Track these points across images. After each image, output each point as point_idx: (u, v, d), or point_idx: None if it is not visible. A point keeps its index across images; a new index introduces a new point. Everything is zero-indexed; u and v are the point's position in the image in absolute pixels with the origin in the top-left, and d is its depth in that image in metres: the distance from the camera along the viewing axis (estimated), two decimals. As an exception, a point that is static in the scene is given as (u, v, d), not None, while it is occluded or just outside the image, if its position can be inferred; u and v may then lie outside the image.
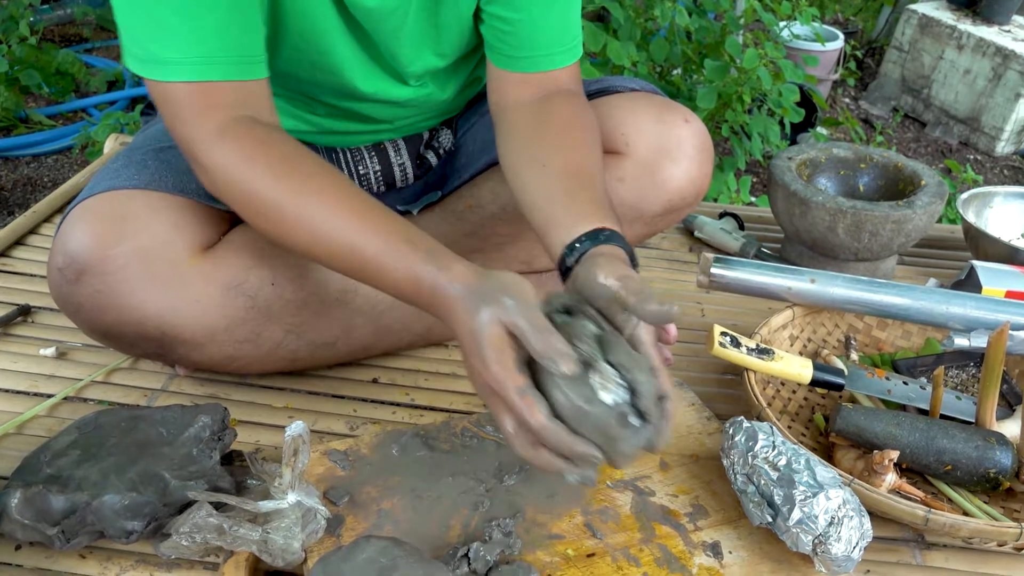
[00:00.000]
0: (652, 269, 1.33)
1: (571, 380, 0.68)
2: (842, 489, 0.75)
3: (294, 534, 0.71)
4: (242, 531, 0.71)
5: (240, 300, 0.89)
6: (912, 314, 1.00)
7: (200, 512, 0.71)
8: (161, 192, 0.89)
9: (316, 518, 0.73)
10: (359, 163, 1.09)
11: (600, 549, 0.77)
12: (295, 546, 0.71)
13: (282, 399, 0.99)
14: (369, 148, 1.09)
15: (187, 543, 0.71)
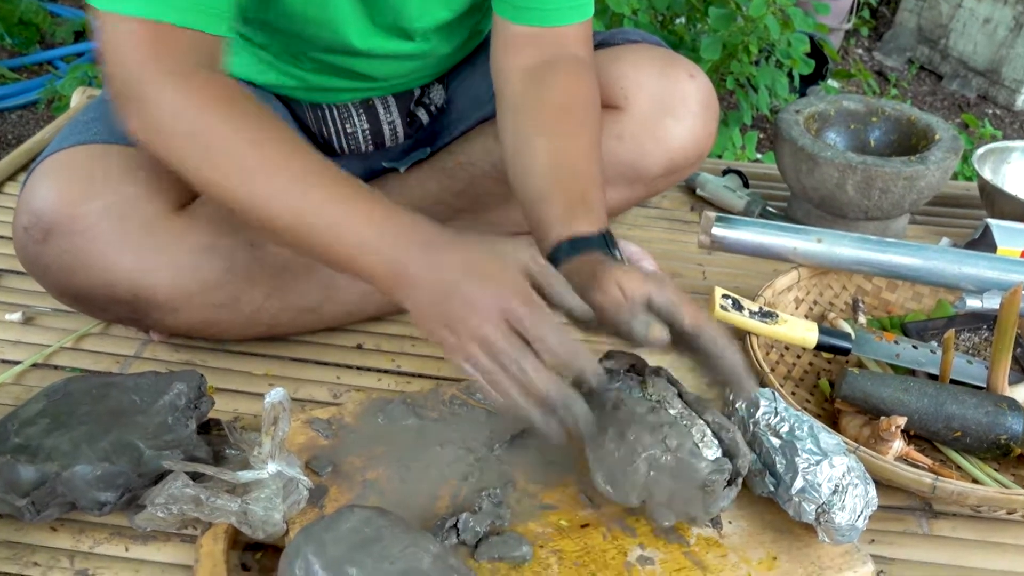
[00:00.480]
0: (651, 229, 1.33)
1: (673, 431, 0.73)
2: (847, 456, 0.76)
3: (275, 505, 0.72)
4: (220, 502, 0.71)
5: (217, 261, 0.89)
6: (923, 275, 1.01)
7: (176, 483, 0.72)
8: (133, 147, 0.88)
9: (298, 488, 0.73)
10: (346, 121, 1.09)
11: (594, 519, 0.78)
12: (276, 517, 0.72)
13: (262, 366, 0.99)
14: (357, 105, 1.08)
15: (163, 515, 0.72)
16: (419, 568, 0.61)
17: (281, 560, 0.64)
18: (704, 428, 0.76)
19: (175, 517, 0.73)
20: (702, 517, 0.74)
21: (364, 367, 1.01)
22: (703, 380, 0.95)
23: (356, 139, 1.10)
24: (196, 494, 0.71)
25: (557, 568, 0.73)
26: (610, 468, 0.75)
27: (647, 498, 0.74)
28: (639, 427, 0.74)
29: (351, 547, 0.62)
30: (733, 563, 0.75)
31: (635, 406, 0.75)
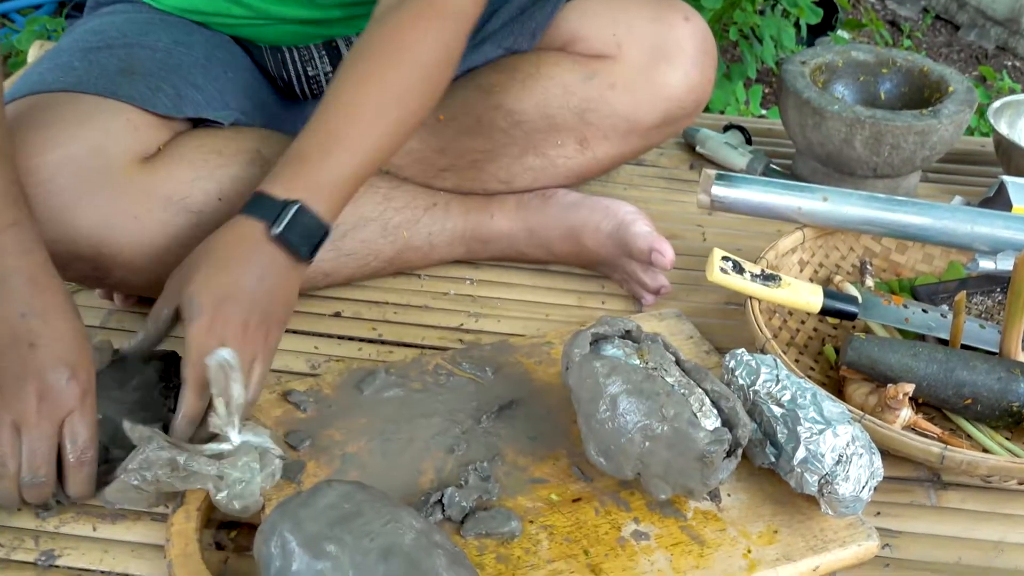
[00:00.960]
0: (648, 189, 1.32)
1: (670, 400, 0.73)
2: (851, 425, 0.76)
3: (253, 472, 0.72)
4: (197, 466, 0.71)
5: (183, 217, 0.88)
6: (933, 235, 1.01)
7: (151, 445, 0.71)
8: (92, 95, 0.88)
9: (271, 460, 0.73)
10: (307, 64, 1.08)
11: (587, 493, 0.79)
12: (254, 487, 0.72)
13: (235, 336, 0.99)
14: (319, 47, 1.07)
15: (136, 482, 0.72)
16: (401, 544, 0.61)
17: (256, 538, 0.65)
18: (703, 397, 0.76)
19: (149, 485, 0.72)
20: (700, 490, 0.75)
21: (343, 336, 1.01)
22: (703, 347, 0.96)
23: (319, 83, 1.09)
24: (172, 456, 0.71)
25: (547, 544, 0.74)
26: (603, 439, 0.75)
27: (642, 470, 0.75)
28: (634, 396, 0.74)
29: (329, 523, 0.62)
30: (732, 537, 0.75)
31: (630, 374, 0.76)
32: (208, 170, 0.91)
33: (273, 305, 0.79)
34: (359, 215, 1.01)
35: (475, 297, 1.09)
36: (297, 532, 0.62)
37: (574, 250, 1.08)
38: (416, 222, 1.06)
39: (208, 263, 0.78)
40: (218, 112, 0.97)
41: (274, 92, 1.10)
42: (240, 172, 0.92)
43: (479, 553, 0.73)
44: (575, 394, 0.78)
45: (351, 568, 0.59)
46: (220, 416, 0.73)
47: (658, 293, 1.06)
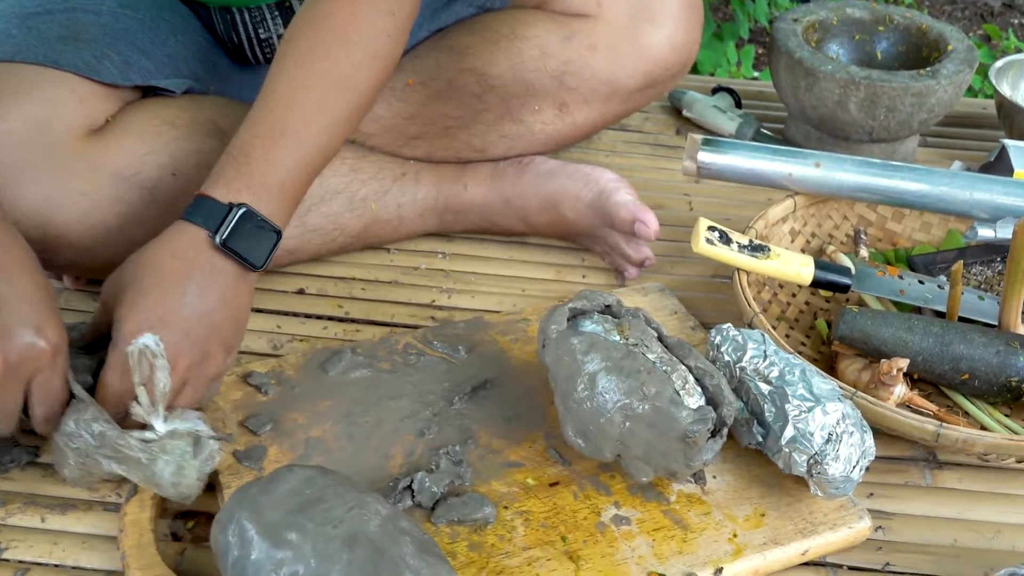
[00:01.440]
0: (632, 156, 1.33)
1: (651, 378, 0.74)
2: (842, 402, 0.77)
3: (186, 456, 0.72)
4: (126, 445, 0.71)
5: (136, 193, 0.88)
6: (931, 202, 1.01)
7: (85, 413, 0.71)
8: (32, 65, 0.87)
9: (205, 444, 0.73)
10: (259, 25, 1.07)
11: (565, 477, 0.79)
12: (188, 472, 0.72)
13: (192, 315, 0.99)
14: (271, 8, 1.06)
15: (62, 444, 0.72)
16: (366, 531, 0.61)
17: (213, 527, 0.65)
18: (686, 374, 0.77)
19: (78, 457, 0.72)
20: (683, 472, 0.75)
21: (307, 314, 1.01)
22: (688, 323, 0.96)
23: (272, 46, 1.09)
24: (103, 431, 0.71)
25: (523, 530, 0.74)
26: (581, 420, 0.76)
27: (622, 452, 0.75)
28: (613, 374, 0.74)
29: (290, 510, 0.62)
30: (717, 521, 0.76)
31: (609, 351, 0.76)
32: (161, 143, 0.90)
33: (214, 328, 0.76)
34: (324, 188, 1.01)
35: (448, 272, 1.09)
36: (256, 520, 0.62)
37: (552, 221, 1.08)
38: (385, 193, 1.05)
39: (141, 280, 0.75)
40: (169, 79, 0.97)
41: (226, 56, 1.09)
42: (196, 145, 0.91)
43: (451, 540, 0.73)
44: (552, 373, 0.79)
45: (313, 557, 0.60)
46: (143, 405, 0.72)
47: (642, 266, 1.06)
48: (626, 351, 0.76)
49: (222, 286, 0.77)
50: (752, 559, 0.74)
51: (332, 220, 1.02)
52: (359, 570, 0.59)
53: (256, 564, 0.61)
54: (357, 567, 0.59)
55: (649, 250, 1.06)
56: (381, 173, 1.05)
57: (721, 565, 0.73)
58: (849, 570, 0.78)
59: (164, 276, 0.75)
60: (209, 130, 0.93)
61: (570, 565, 0.72)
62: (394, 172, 1.06)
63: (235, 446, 0.80)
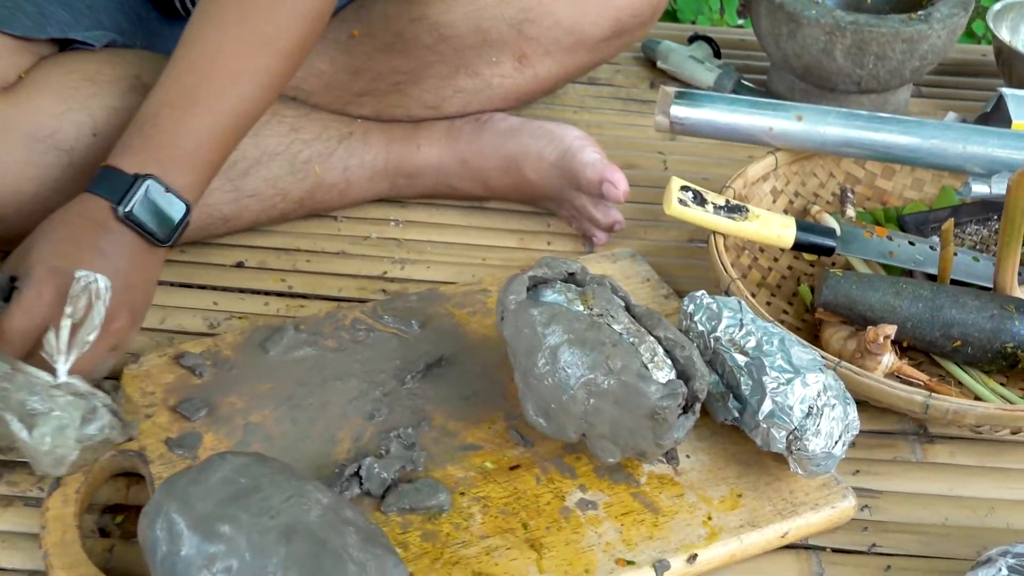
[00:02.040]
0: (602, 112, 1.32)
1: (617, 351, 0.74)
2: (823, 373, 0.78)
3: (72, 419, 0.71)
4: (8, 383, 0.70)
5: (52, 155, 0.87)
6: (922, 156, 1.02)
7: None
8: None
9: (101, 415, 0.73)
10: None
11: (527, 460, 0.80)
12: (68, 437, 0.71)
13: (120, 292, 0.99)
14: None
15: None
16: (306, 522, 0.61)
17: (140, 521, 0.65)
18: (654, 346, 0.77)
19: None
20: (653, 451, 0.76)
21: (246, 289, 1.00)
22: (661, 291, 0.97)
23: None
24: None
25: (481, 518, 0.75)
26: (543, 397, 0.76)
27: (587, 431, 0.76)
28: (576, 347, 0.75)
29: (223, 501, 0.62)
30: (691, 503, 0.77)
31: (572, 322, 0.76)
32: (79, 100, 0.89)
33: (127, 288, 0.78)
34: (262, 150, 1.00)
35: (400, 241, 1.08)
36: (186, 512, 0.62)
37: (514, 183, 1.08)
38: (330, 155, 1.05)
39: (48, 240, 0.77)
40: (89, 32, 0.95)
41: (153, 8, 1.08)
42: (117, 103, 0.90)
43: (403, 531, 0.73)
44: (511, 347, 0.79)
45: (248, 550, 0.60)
46: (59, 340, 0.71)
47: (611, 230, 1.07)
48: (590, 322, 0.77)
49: (128, 258, 0.79)
50: (728, 543, 0.74)
51: (272, 184, 1.01)
52: (298, 564, 0.59)
53: (186, 560, 0.61)
54: (296, 560, 0.59)
55: (618, 213, 1.06)
56: (325, 133, 1.05)
57: (695, 551, 0.73)
58: (833, 552, 0.79)
59: (76, 230, 0.77)
60: (133, 86, 0.92)
61: (531, 554, 0.72)
62: (340, 132, 1.05)
63: (167, 433, 0.80)
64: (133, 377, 0.85)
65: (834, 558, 0.78)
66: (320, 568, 0.59)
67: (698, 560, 0.73)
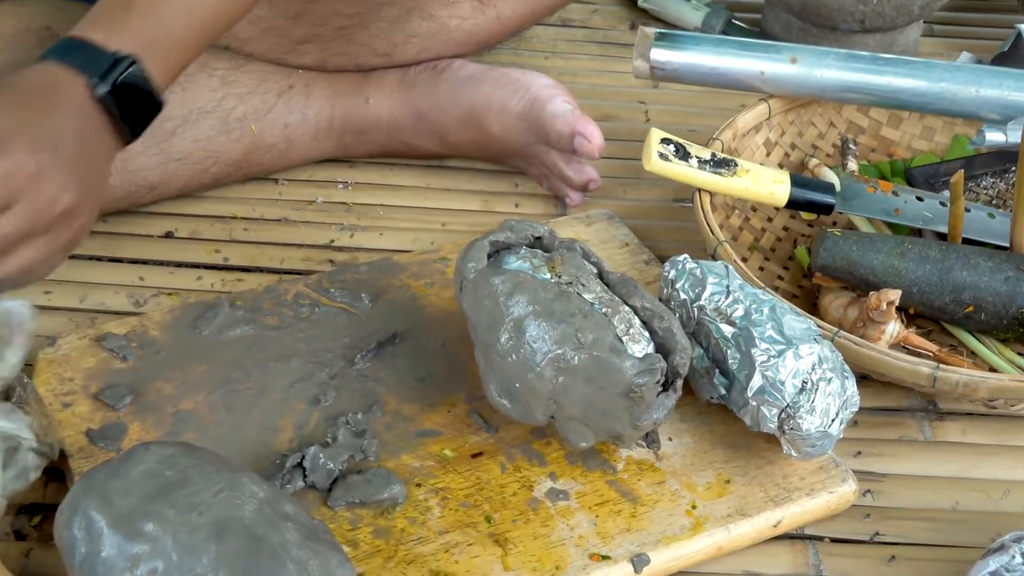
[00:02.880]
0: (576, 57, 1.33)
1: (587, 322, 0.74)
2: (818, 344, 0.78)
3: None
4: None
5: None
6: (931, 101, 1.03)
7: None
8: None
9: (23, 457, 0.72)
10: None
11: (490, 446, 0.81)
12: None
13: (33, 268, 0.99)
14: None
15: None
16: (239, 517, 0.62)
17: (56, 519, 0.65)
18: (630, 316, 0.78)
19: None
20: (630, 434, 0.77)
21: (176, 262, 1.01)
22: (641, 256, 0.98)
23: None
24: None
25: (439, 511, 0.76)
26: (506, 376, 0.77)
27: (556, 413, 0.77)
28: (543, 319, 0.75)
29: (146, 496, 0.63)
30: (673, 491, 0.78)
31: (537, 291, 0.77)
32: None
33: (90, 168, 0.77)
34: (189, 107, 1.00)
35: (350, 205, 1.09)
36: (106, 509, 0.63)
37: (476, 138, 1.09)
38: (267, 111, 1.05)
39: (16, 102, 0.75)
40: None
41: None
42: (24, 58, 0.90)
43: (352, 527, 0.74)
44: (471, 321, 0.80)
45: (175, 550, 0.60)
46: None
47: (585, 190, 1.07)
48: (558, 291, 0.77)
49: (97, 144, 0.77)
50: (714, 534, 0.76)
51: (202, 146, 1.01)
52: (230, 564, 0.60)
53: (107, 562, 0.61)
54: (228, 560, 0.60)
55: (593, 170, 1.07)
56: (262, 86, 1.04)
57: (677, 542, 0.74)
58: (832, 542, 0.80)
59: (44, 102, 0.75)
60: (42, 39, 0.91)
61: (496, 550, 0.73)
62: (278, 85, 1.05)
63: (88, 424, 0.80)
64: (49, 362, 0.85)
65: (833, 548, 0.80)
66: (255, 568, 0.60)
67: (682, 553, 0.74)
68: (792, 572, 0.77)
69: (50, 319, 0.93)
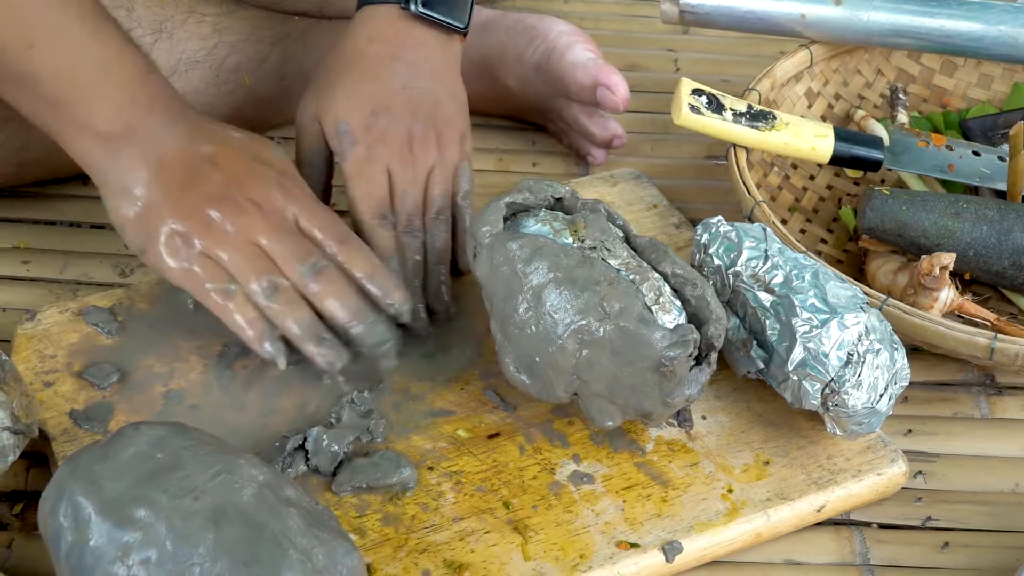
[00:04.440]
0: (599, 1, 1.33)
1: (614, 290, 0.75)
2: (864, 313, 0.79)
3: None
4: None
5: None
6: (988, 45, 1.03)
7: None
8: None
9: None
10: None
11: (508, 426, 0.81)
12: None
13: (9, 235, 1.00)
14: None
15: None
16: (237, 503, 0.63)
17: (40, 506, 0.66)
18: (660, 284, 0.78)
19: None
20: (660, 412, 0.77)
21: (164, 228, 1.01)
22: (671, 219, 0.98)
23: None
24: None
25: (453, 497, 0.77)
26: (525, 349, 0.77)
27: (579, 390, 0.77)
28: (565, 287, 0.76)
29: (137, 480, 0.64)
30: (708, 474, 0.79)
31: (559, 257, 0.77)
32: None
33: (439, 105, 0.90)
34: (178, 56, 1.01)
35: (353, 165, 1.09)
36: (93, 495, 0.63)
37: (489, 91, 1.09)
38: (262, 61, 1.05)
39: (349, 74, 0.89)
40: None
41: None
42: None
43: (359, 514, 0.75)
44: (486, 290, 0.80)
45: (169, 538, 0.61)
46: None
47: (609, 146, 1.08)
48: (581, 257, 0.78)
49: (432, 60, 0.91)
50: (752, 520, 0.76)
51: (192, 99, 1.02)
52: (229, 552, 0.61)
53: (96, 551, 0.62)
54: (226, 548, 0.61)
55: (618, 125, 1.07)
56: (256, 34, 1.05)
57: (712, 529, 0.75)
58: (880, 528, 0.81)
59: (371, 61, 0.89)
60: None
61: (515, 538, 0.74)
62: (273, 32, 1.06)
63: (72, 404, 0.81)
64: (29, 338, 0.86)
65: (881, 535, 0.80)
66: (255, 557, 0.61)
67: (717, 540, 0.75)
68: (837, 560, 0.78)
69: (28, 291, 0.95)
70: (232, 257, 0.80)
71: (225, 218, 0.80)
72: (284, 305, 0.80)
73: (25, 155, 0.97)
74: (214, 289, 0.80)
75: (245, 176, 0.83)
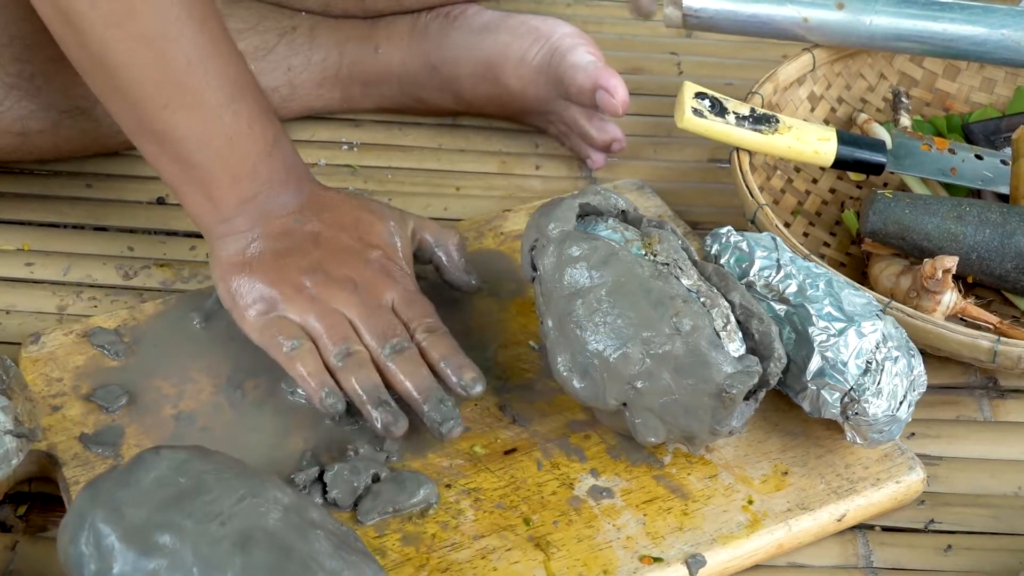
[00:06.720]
0: (601, 3, 1.33)
1: (688, 309, 0.74)
2: (881, 320, 0.79)
3: None
4: None
5: None
6: (990, 50, 1.03)
7: None
8: None
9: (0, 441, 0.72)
10: None
11: (524, 441, 0.81)
12: None
13: (12, 236, 0.99)
14: None
15: None
16: (264, 526, 0.62)
17: (60, 535, 0.65)
18: (727, 312, 0.77)
19: None
20: (703, 438, 0.76)
21: (168, 230, 1.01)
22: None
23: None
24: None
25: (473, 514, 0.76)
26: (584, 350, 0.76)
27: (631, 400, 0.76)
28: (640, 296, 0.75)
29: (160, 506, 0.63)
30: (727, 485, 0.78)
31: (633, 266, 0.76)
32: None
33: None
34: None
35: (355, 168, 1.09)
36: (116, 522, 0.63)
37: (492, 93, 1.08)
38: (268, 52, 1.05)
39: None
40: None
41: None
42: None
43: (378, 534, 0.74)
44: (546, 285, 0.79)
45: (196, 564, 0.60)
46: None
47: (609, 150, 1.07)
48: (655, 270, 0.77)
49: None
50: (774, 531, 0.76)
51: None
52: (258, 578, 0.60)
53: (121, 580, 0.62)
54: (255, 573, 0.60)
55: (617, 129, 1.06)
56: (262, 24, 1.05)
57: (735, 541, 0.75)
58: (883, 531, 0.81)
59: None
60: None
61: (537, 555, 0.74)
62: (280, 25, 1.05)
63: (81, 428, 0.80)
64: (34, 361, 0.85)
65: (884, 538, 0.80)
66: (286, 582, 0.60)
67: (739, 552, 0.75)
68: (840, 563, 0.78)
69: (31, 293, 0.94)
70: (315, 322, 0.81)
71: (315, 288, 0.82)
72: (353, 366, 0.79)
73: (29, 124, 0.96)
74: (285, 341, 0.81)
75: (344, 255, 0.84)
